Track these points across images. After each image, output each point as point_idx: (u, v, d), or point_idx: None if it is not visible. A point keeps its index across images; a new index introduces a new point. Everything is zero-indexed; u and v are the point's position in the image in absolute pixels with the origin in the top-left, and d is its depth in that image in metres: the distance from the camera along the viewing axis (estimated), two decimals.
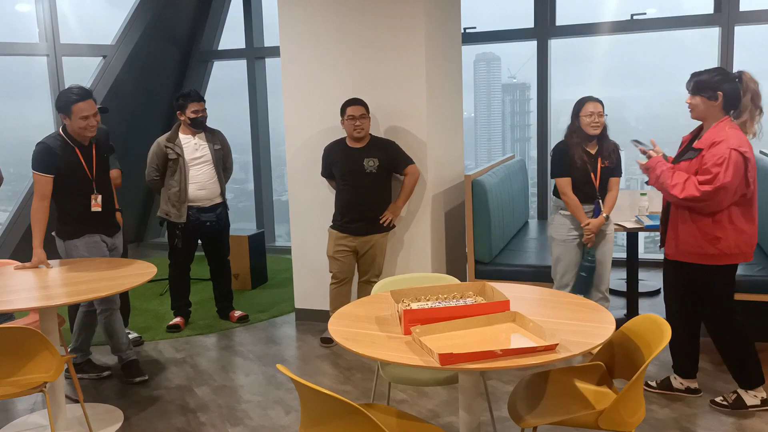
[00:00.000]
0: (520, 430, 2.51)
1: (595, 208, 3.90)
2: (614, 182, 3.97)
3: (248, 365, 4.17)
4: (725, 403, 3.28)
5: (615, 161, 3.93)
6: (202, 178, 4.63)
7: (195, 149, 4.62)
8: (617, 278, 5.36)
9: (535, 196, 6.45)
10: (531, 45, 6.30)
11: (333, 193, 4.45)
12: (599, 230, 3.93)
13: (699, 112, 3.13)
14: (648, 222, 4.24)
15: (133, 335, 4.59)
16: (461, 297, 2.57)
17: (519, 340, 2.17)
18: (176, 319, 4.86)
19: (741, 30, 5.64)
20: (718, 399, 3.32)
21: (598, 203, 3.90)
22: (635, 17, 5.93)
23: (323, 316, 4.76)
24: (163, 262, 4.83)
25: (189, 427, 3.37)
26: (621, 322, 2.53)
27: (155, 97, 7.28)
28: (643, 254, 5.98)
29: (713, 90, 3.05)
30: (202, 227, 4.69)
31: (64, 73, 6.37)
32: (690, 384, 3.44)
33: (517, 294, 2.70)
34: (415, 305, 2.48)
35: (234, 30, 7.38)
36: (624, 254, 4.76)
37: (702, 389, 3.49)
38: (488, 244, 4.48)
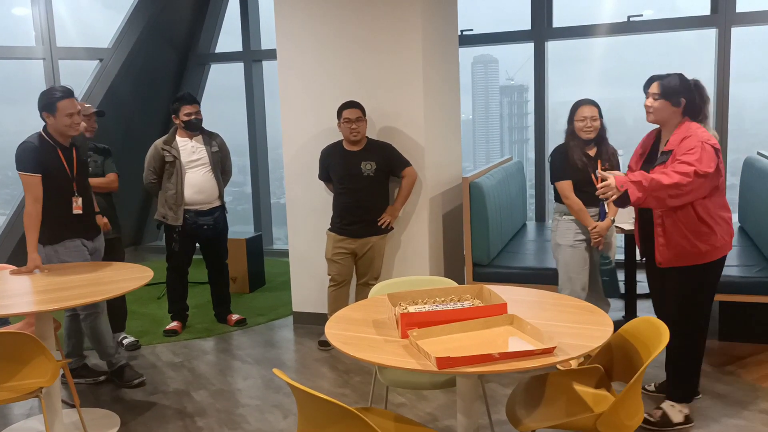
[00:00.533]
0: None
1: (601, 210, 3.83)
2: None
3: (246, 369, 4.15)
4: (652, 420, 3.16)
5: (614, 165, 3.85)
6: (199, 181, 4.61)
7: (192, 152, 4.61)
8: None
9: (533, 198, 6.44)
10: (528, 47, 6.30)
11: (331, 196, 4.44)
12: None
13: (660, 116, 3.11)
14: None
15: (130, 339, 4.57)
16: (459, 300, 2.56)
17: (517, 343, 2.17)
18: (173, 324, 4.84)
19: (738, 31, 5.65)
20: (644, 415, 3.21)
21: (604, 205, 3.81)
22: (632, 19, 5.94)
23: (321, 320, 4.75)
24: (161, 266, 4.82)
25: None
26: (619, 324, 2.52)
27: (152, 101, 7.27)
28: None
29: (678, 96, 3.06)
30: (200, 231, 4.68)
31: (61, 77, 6.35)
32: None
33: (515, 297, 2.69)
34: (413, 308, 2.47)
35: (231, 33, 7.37)
36: (622, 256, 4.75)
37: (701, 392, 3.47)
38: (486, 247, 4.47)
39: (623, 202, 2.96)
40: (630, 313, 4.64)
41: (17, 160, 3.45)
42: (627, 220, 4.41)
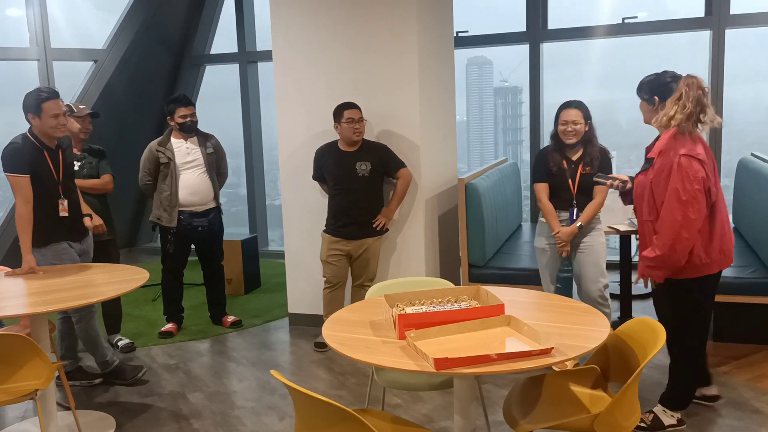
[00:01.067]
0: None
1: (570, 216, 3.77)
2: (598, 190, 3.71)
3: (242, 371, 4.14)
4: (643, 425, 3.14)
5: (598, 168, 3.69)
6: (194, 183, 4.60)
7: (187, 153, 4.60)
8: (610, 281, 5.36)
9: (528, 199, 6.46)
10: (522, 49, 6.32)
11: (326, 198, 4.44)
12: (579, 239, 3.77)
13: (645, 116, 3.05)
14: None
15: (125, 341, 4.56)
16: (456, 301, 2.56)
17: (514, 344, 2.17)
18: (168, 326, 4.83)
19: (732, 33, 5.68)
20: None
21: (572, 211, 3.75)
22: (627, 21, 5.96)
23: (317, 321, 4.75)
24: (156, 267, 4.80)
25: None
26: (615, 325, 2.53)
27: (147, 102, 7.25)
28: (636, 257, 5.98)
29: (650, 94, 2.97)
30: (195, 232, 4.67)
31: (55, 78, 6.33)
32: (706, 392, 3.30)
33: (512, 298, 2.69)
34: (410, 309, 2.47)
35: (226, 34, 7.36)
36: (617, 257, 4.76)
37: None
38: (482, 248, 4.48)
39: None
40: (625, 314, 4.65)
41: (4, 162, 3.41)
42: (622, 222, 4.43)
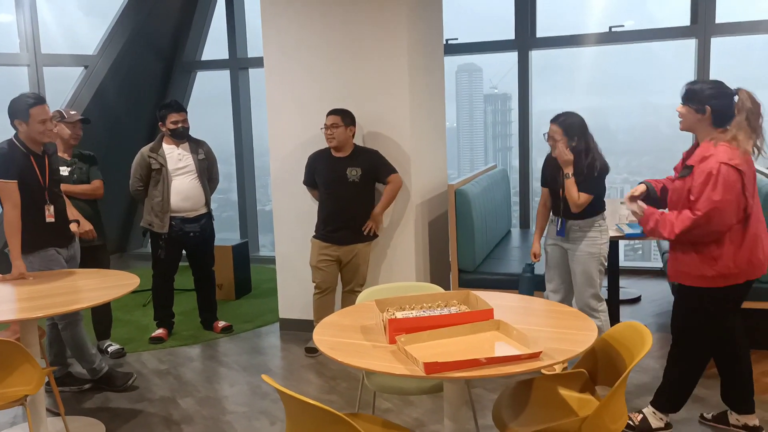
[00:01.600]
0: None
1: (557, 224, 3.78)
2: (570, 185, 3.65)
3: (233, 376, 4.15)
4: (631, 424, 3.15)
5: (583, 182, 3.60)
6: (186, 189, 4.61)
7: (178, 159, 4.61)
8: None
9: (518, 205, 6.50)
10: (511, 56, 6.38)
11: (317, 203, 4.46)
12: (572, 246, 3.76)
13: (687, 123, 2.97)
14: (628, 230, 4.29)
15: (115, 347, 4.55)
16: (445, 306, 2.59)
17: (503, 348, 2.20)
18: (159, 331, 4.82)
19: (717, 41, 5.76)
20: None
21: (558, 220, 3.76)
22: (614, 29, 6.03)
23: (307, 326, 4.76)
24: (147, 273, 4.80)
25: None
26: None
27: (138, 108, 7.25)
28: (624, 262, 6.04)
29: (701, 102, 2.88)
30: (186, 238, 4.67)
31: (45, 84, 6.32)
32: (748, 421, 3.16)
33: (501, 302, 2.72)
34: (400, 314, 2.50)
35: (217, 40, 7.37)
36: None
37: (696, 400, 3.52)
38: (471, 253, 4.51)
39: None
40: (613, 319, 4.69)
41: None
42: (609, 227, 4.47)
